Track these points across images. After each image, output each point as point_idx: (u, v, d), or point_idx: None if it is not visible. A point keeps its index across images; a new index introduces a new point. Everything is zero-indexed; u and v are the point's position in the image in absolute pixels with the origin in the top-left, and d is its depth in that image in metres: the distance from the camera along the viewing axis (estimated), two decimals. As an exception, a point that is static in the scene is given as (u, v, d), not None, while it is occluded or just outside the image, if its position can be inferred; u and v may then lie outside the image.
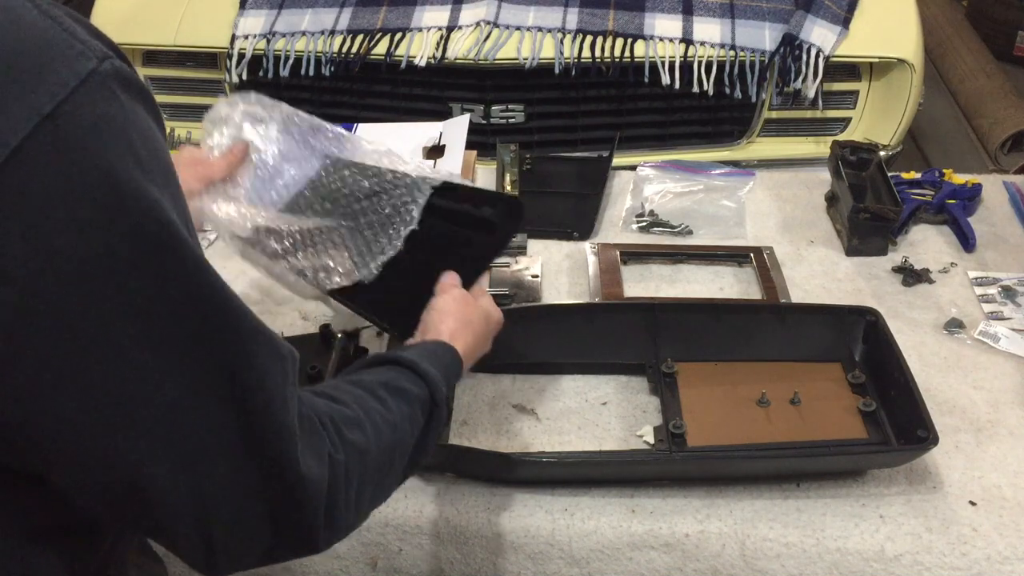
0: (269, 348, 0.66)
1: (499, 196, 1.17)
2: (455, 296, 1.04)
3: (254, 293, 1.54)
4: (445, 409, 0.89)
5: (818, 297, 1.50)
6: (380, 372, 0.87)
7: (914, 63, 2.13)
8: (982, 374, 1.35)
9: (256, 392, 0.64)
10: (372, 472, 0.77)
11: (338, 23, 2.17)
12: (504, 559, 1.16)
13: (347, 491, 0.73)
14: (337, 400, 0.78)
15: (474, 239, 1.17)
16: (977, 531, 1.12)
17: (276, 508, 0.67)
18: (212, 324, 0.62)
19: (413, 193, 1.17)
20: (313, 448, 0.69)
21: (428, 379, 0.87)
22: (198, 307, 0.61)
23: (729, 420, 1.23)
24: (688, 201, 1.75)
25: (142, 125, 0.60)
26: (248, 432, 0.64)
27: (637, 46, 2.09)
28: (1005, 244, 1.63)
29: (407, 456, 0.84)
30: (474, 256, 1.15)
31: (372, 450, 0.77)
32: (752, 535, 1.13)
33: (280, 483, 0.66)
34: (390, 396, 0.83)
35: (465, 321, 1.01)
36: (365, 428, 0.77)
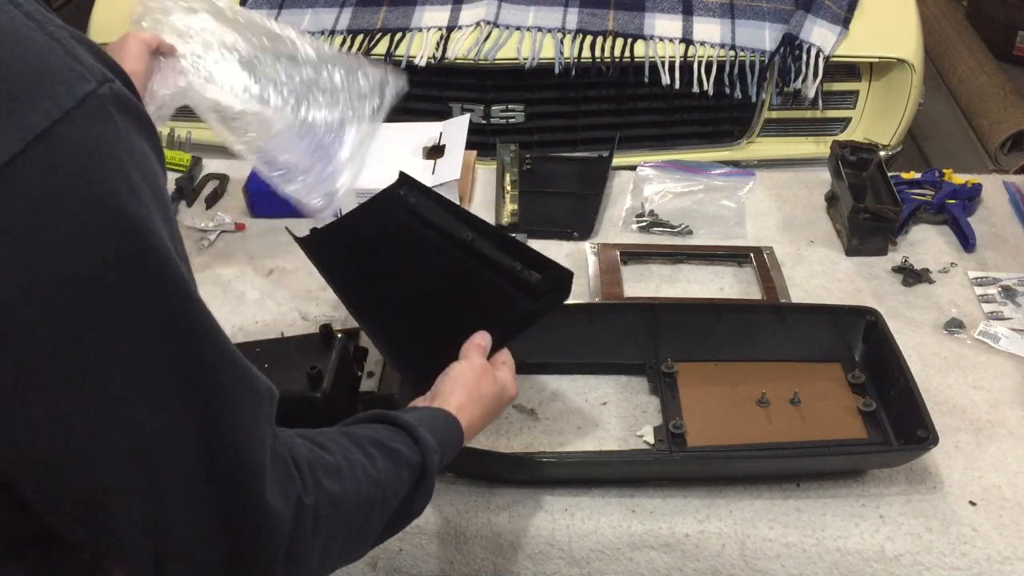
0: (246, 384, 0.65)
1: (550, 263, 1.09)
2: (474, 366, 1.01)
3: (254, 293, 1.54)
4: (434, 477, 0.88)
5: (818, 297, 1.50)
6: (376, 429, 0.87)
7: (914, 63, 2.13)
8: (982, 374, 1.35)
9: (228, 427, 0.64)
10: (344, 523, 0.76)
11: (338, 23, 2.17)
12: (504, 559, 1.16)
13: (314, 537, 0.72)
14: (322, 446, 0.77)
15: (514, 301, 1.10)
16: (977, 531, 1.12)
17: (234, 545, 0.66)
18: (191, 354, 0.61)
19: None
20: (281, 488, 0.68)
21: (423, 445, 0.86)
22: (178, 336, 0.61)
23: (729, 420, 1.23)
24: (688, 201, 1.75)
25: (137, 149, 0.60)
26: (214, 466, 0.63)
27: (637, 46, 2.09)
28: (1005, 244, 1.63)
29: (388, 516, 0.83)
30: (507, 319, 1.09)
31: (347, 501, 0.76)
32: (752, 535, 1.13)
33: (242, 520, 0.66)
34: (379, 453, 0.82)
35: (477, 396, 0.98)
36: (344, 478, 0.76)
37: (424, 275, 1.19)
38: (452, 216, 1.21)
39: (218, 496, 0.64)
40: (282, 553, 0.68)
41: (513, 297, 1.10)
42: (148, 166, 0.61)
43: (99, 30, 2.26)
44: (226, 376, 0.64)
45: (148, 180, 0.60)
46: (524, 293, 1.09)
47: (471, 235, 1.17)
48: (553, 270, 1.09)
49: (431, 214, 1.23)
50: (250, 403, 0.65)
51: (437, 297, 1.17)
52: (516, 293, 1.10)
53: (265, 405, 0.67)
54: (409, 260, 1.22)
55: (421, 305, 1.17)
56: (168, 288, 0.60)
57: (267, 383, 0.68)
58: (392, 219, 1.28)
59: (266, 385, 0.68)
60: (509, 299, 1.10)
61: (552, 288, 1.08)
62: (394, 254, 1.25)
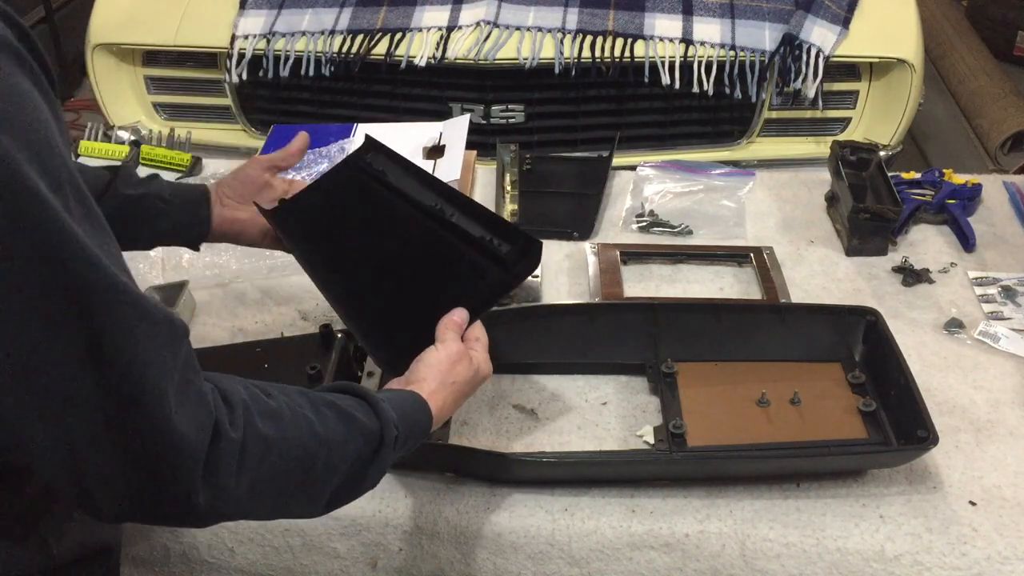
0: (138, 311, 0.67)
1: (519, 233, 1.09)
2: (450, 353, 1.02)
3: (254, 293, 1.54)
4: (392, 452, 0.89)
5: (818, 297, 1.50)
6: (336, 396, 0.89)
7: (914, 63, 2.13)
8: (982, 374, 1.35)
9: (116, 349, 0.66)
10: (277, 468, 0.79)
11: (338, 23, 2.17)
12: (504, 559, 1.16)
13: (240, 471, 0.75)
14: (267, 393, 0.81)
15: (485, 272, 1.09)
16: (977, 531, 1.12)
17: (143, 466, 0.70)
18: (64, 277, 0.63)
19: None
20: (192, 415, 0.71)
21: (382, 417, 0.88)
22: (49, 259, 0.62)
23: (729, 420, 1.23)
24: (688, 201, 1.75)
25: (17, 91, 0.62)
26: (107, 387, 0.66)
27: (637, 46, 2.09)
28: (1005, 244, 1.63)
29: (337, 477, 0.85)
30: (479, 291, 1.09)
31: (283, 445, 0.79)
32: (752, 535, 1.13)
33: (147, 441, 0.69)
34: (332, 415, 0.85)
35: (450, 382, 1.00)
36: (283, 424, 0.79)
37: (393, 246, 1.18)
38: (420, 183, 1.20)
39: (116, 417, 0.67)
40: (198, 478, 0.71)
41: (484, 268, 1.09)
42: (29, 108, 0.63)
43: (99, 30, 2.26)
44: (110, 300, 0.65)
45: (24, 119, 0.62)
46: (495, 264, 1.09)
47: (439, 203, 1.16)
48: (522, 240, 1.08)
49: (399, 181, 1.22)
50: (142, 328, 0.67)
51: (406, 269, 1.16)
52: (487, 264, 1.09)
53: (163, 334, 0.69)
54: (377, 230, 1.21)
55: (390, 278, 1.16)
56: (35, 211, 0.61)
57: (169, 315, 0.71)
58: (359, 186, 1.26)
59: (165, 315, 0.70)
60: (480, 271, 1.09)
61: (522, 259, 1.08)
62: (362, 224, 1.23)
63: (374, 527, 1.17)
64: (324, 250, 1.23)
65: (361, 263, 1.20)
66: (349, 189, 1.26)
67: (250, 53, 2.15)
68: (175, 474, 0.71)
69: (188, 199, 1.21)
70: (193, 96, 2.32)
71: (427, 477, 1.20)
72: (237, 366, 1.30)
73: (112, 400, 0.67)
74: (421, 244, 1.16)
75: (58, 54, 3.84)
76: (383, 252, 1.19)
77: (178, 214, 1.19)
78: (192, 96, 2.32)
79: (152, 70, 2.30)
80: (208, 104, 2.32)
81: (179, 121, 2.33)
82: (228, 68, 2.17)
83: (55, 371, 0.65)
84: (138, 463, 0.70)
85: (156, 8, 2.27)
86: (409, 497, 1.18)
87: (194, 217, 1.21)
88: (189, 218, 1.21)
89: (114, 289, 0.66)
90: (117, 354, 0.66)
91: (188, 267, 1.57)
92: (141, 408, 0.68)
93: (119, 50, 2.27)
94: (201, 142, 2.16)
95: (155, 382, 0.68)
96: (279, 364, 1.30)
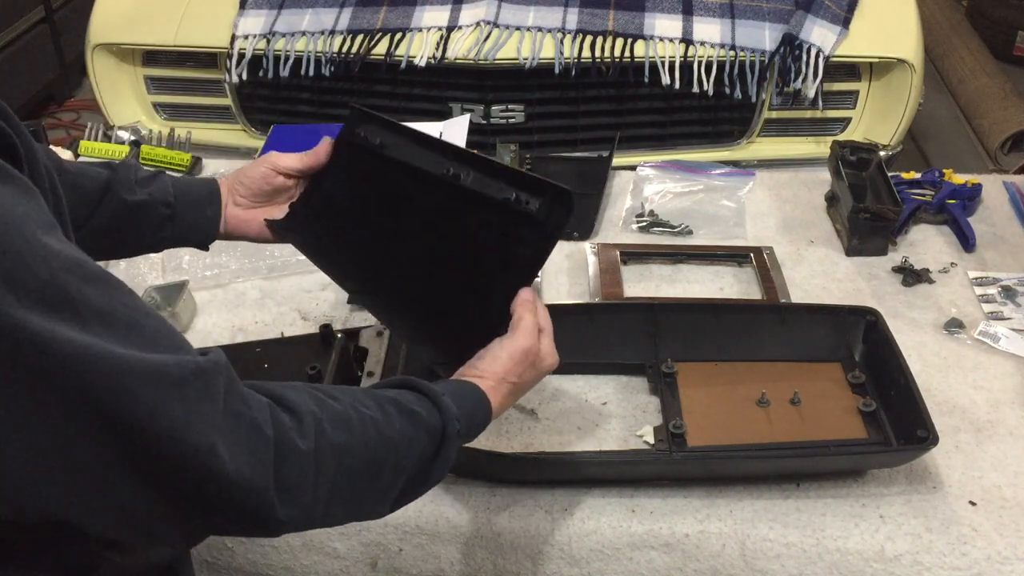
0: (160, 381, 0.65)
1: (544, 183, 0.97)
2: (519, 350, 0.95)
3: (254, 293, 1.54)
4: (456, 444, 0.88)
5: (818, 297, 1.50)
6: (397, 392, 0.87)
7: (914, 63, 2.13)
8: (982, 374, 1.35)
9: (157, 428, 0.64)
10: (351, 473, 0.78)
11: (338, 23, 2.17)
12: (504, 559, 1.16)
13: (317, 480, 0.74)
14: (332, 397, 0.80)
15: (522, 238, 0.99)
16: (977, 531, 1.12)
17: (214, 511, 0.70)
18: (74, 383, 0.61)
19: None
20: (247, 452, 0.70)
21: (444, 411, 0.87)
22: (51, 373, 0.60)
23: (729, 420, 1.23)
24: (688, 201, 1.75)
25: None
26: (157, 464, 0.65)
27: (637, 46, 2.09)
28: (1005, 244, 1.63)
29: (404, 477, 0.84)
30: (522, 258, 0.99)
31: (354, 451, 0.78)
32: (752, 535, 1.13)
33: (211, 495, 0.68)
34: (397, 413, 0.83)
35: (512, 380, 0.96)
36: (352, 429, 0.78)
37: (417, 232, 1.09)
38: (424, 148, 1.10)
39: (173, 486, 0.67)
40: (271, 501, 0.71)
41: (519, 234, 0.99)
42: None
43: (99, 30, 2.26)
44: (133, 388, 0.63)
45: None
46: (529, 227, 0.99)
47: (450, 167, 1.06)
48: (550, 191, 0.98)
49: (401, 153, 1.12)
50: (171, 396, 0.65)
51: (438, 256, 1.07)
52: (521, 229, 0.99)
53: (195, 389, 0.67)
54: (395, 217, 1.12)
55: (425, 270, 1.07)
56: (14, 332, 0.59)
57: (196, 364, 0.68)
58: (362, 170, 1.16)
59: (192, 368, 0.67)
60: (516, 238, 1.00)
61: (554, 211, 0.98)
62: (377, 213, 1.14)
63: (374, 527, 1.17)
64: (346, 257, 1.16)
65: (387, 259, 1.11)
66: (352, 177, 1.16)
67: (250, 53, 2.15)
68: (245, 509, 0.71)
69: (195, 200, 1.13)
70: (193, 96, 2.32)
71: (427, 477, 1.20)
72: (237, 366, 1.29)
73: (165, 472, 0.66)
74: (445, 224, 1.07)
75: (58, 54, 3.85)
76: (408, 241, 1.10)
77: (183, 220, 1.12)
78: (192, 96, 2.32)
79: (152, 70, 2.30)
80: (208, 104, 2.32)
81: (179, 121, 2.33)
82: (228, 68, 2.17)
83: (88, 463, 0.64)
84: (207, 512, 0.70)
85: (156, 8, 2.27)
86: (409, 497, 1.18)
87: (201, 221, 1.14)
88: (195, 223, 1.14)
89: (132, 375, 0.63)
90: (158, 432, 0.65)
91: (188, 267, 1.57)
92: (195, 471, 0.67)
93: (119, 50, 2.27)
94: (201, 142, 2.15)
95: (201, 441, 0.66)
96: (279, 364, 1.30)
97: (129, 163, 1.12)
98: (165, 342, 0.67)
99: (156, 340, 0.67)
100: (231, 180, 1.17)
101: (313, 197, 1.18)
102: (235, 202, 1.16)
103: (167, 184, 1.12)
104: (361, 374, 1.28)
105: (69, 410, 0.62)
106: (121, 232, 1.08)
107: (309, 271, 1.57)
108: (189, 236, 1.15)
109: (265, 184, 1.16)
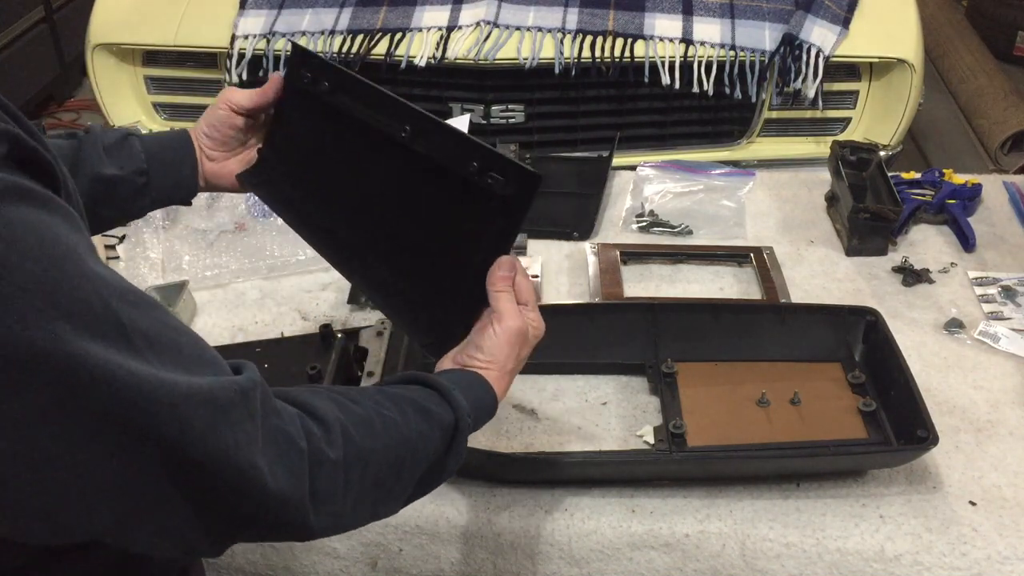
0: (208, 408, 0.65)
1: (507, 162, 0.93)
2: (511, 336, 0.94)
3: (254, 293, 1.54)
4: (467, 437, 0.89)
5: (818, 297, 1.50)
6: (410, 389, 0.88)
7: (914, 63, 2.13)
8: (982, 374, 1.35)
9: (206, 454, 0.65)
10: (374, 476, 0.79)
11: (338, 23, 2.17)
12: (504, 559, 1.16)
13: (347, 488, 0.75)
14: (354, 400, 0.81)
15: (489, 216, 0.95)
16: (977, 531, 1.12)
17: (257, 523, 0.71)
18: (132, 411, 0.61)
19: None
20: (285, 466, 0.71)
21: (455, 406, 0.87)
22: (108, 410, 0.60)
23: (729, 420, 1.23)
24: (688, 201, 1.75)
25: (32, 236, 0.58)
26: (204, 486, 0.66)
27: (637, 46, 2.09)
28: (1005, 244, 1.63)
29: (419, 474, 0.85)
30: (490, 236, 0.96)
31: (378, 455, 0.79)
32: (752, 535, 1.13)
33: (255, 509, 0.69)
34: (413, 411, 0.84)
35: (511, 368, 0.96)
36: (376, 433, 0.79)
37: (376, 193, 1.04)
38: (375, 103, 1.02)
39: (220, 504, 0.68)
40: (307, 511, 0.72)
41: (485, 209, 0.95)
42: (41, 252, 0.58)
43: (99, 30, 2.26)
44: (186, 416, 0.64)
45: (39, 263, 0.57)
46: (494, 202, 0.94)
47: (407, 130, 0.99)
48: (512, 169, 0.94)
49: (350, 103, 1.05)
50: (218, 421, 0.66)
51: (401, 221, 1.02)
52: (485, 204, 0.95)
53: (237, 410, 0.67)
54: (353, 175, 1.07)
55: (389, 235, 1.03)
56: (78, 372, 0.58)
57: (234, 384, 0.68)
58: (315, 120, 1.10)
59: (234, 389, 0.68)
60: (482, 212, 0.95)
61: (519, 192, 0.94)
62: (334, 169, 1.09)
63: (374, 527, 1.17)
64: (310, 213, 1.10)
65: (350, 223, 1.06)
66: (307, 127, 1.10)
67: (250, 53, 2.15)
68: (282, 520, 0.72)
69: (168, 162, 1.09)
70: (193, 96, 2.32)
71: (427, 477, 1.20)
72: (237, 366, 1.30)
73: (209, 491, 0.67)
74: (404, 187, 1.02)
75: (58, 54, 3.85)
76: (368, 205, 1.05)
77: (160, 185, 1.08)
78: (192, 96, 2.32)
79: (152, 70, 2.30)
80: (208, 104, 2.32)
81: (179, 121, 2.33)
82: (228, 68, 2.17)
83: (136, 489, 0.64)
84: (244, 525, 0.71)
85: (156, 8, 2.27)
86: (409, 497, 1.18)
87: (179, 181, 1.10)
88: (173, 185, 1.10)
89: (185, 403, 0.63)
90: (207, 455, 0.65)
91: (188, 268, 1.57)
92: (238, 488, 0.68)
93: (119, 50, 2.27)
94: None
95: (244, 460, 0.67)
96: (279, 364, 1.30)
97: (94, 131, 1.08)
98: (204, 361, 0.68)
99: (196, 360, 0.67)
100: (198, 132, 1.13)
101: (276, 140, 1.13)
102: (208, 156, 1.13)
103: (138, 150, 1.07)
104: (361, 374, 1.28)
105: (122, 437, 0.62)
106: (95, 206, 1.03)
107: (309, 271, 1.57)
108: (168, 199, 1.12)
109: (228, 128, 1.12)
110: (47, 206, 0.60)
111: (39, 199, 0.60)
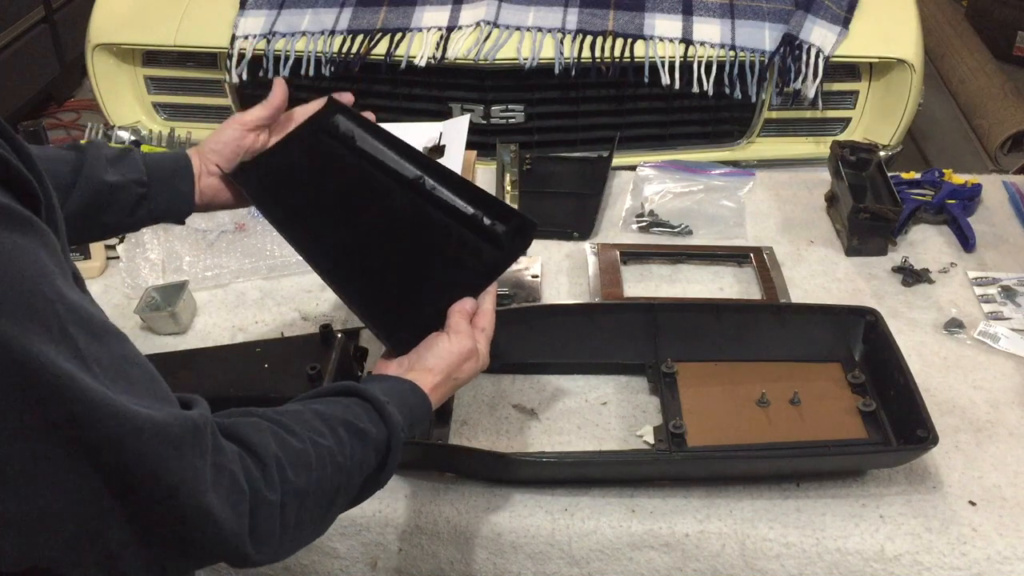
0: (159, 437, 0.66)
1: (510, 211, 1.08)
2: (461, 349, 1.01)
3: (254, 293, 1.54)
4: (399, 454, 0.91)
5: (818, 297, 1.50)
6: (345, 405, 0.89)
7: (914, 63, 2.13)
8: (982, 374, 1.35)
9: (155, 482, 0.66)
10: (310, 512, 0.81)
11: (338, 23, 2.17)
12: (504, 559, 1.16)
13: (283, 526, 0.78)
14: (290, 432, 0.82)
15: (480, 251, 1.08)
16: (977, 531, 1.12)
17: (196, 552, 0.73)
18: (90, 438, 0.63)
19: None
20: (230, 502, 0.72)
21: (390, 423, 0.90)
22: (66, 425, 0.61)
23: (729, 420, 1.23)
24: (688, 201, 1.75)
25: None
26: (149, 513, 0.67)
27: (637, 46, 2.09)
28: (1005, 244, 1.63)
29: (353, 494, 0.88)
30: (475, 269, 1.07)
31: (313, 490, 0.81)
32: (752, 535, 1.13)
33: (199, 539, 0.71)
34: (348, 436, 0.86)
35: (453, 378, 1.01)
36: (311, 467, 0.81)
37: (377, 219, 1.14)
38: (396, 152, 1.15)
39: (164, 532, 0.69)
40: (247, 546, 0.74)
41: (478, 247, 1.07)
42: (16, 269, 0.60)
43: (99, 30, 2.26)
44: (133, 441, 0.65)
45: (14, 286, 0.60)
46: (490, 244, 1.07)
47: (420, 174, 1.12)
48: (515, 219, 1.08)
49: (371, 148, 1.17)
50: (168, 454, 0.67)
51: (396, 245, 1.12)
52: (481, 243, 1.07)
53: (187, 445, 0.69)
54: (356, 201, 1.16)
55: (379, 254, 1.12)
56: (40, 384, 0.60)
57: (186, 419, 0.69)
58: (326, 151, 1.19)
59: (184, 424, 0.69)
60: (473, 249, 1.08)
61: (516, 237, 1.07)
62: (335, 193, 1.17)
63: (374, 527, 1.17)
64: (298, 219, 1.17)
65: (339, 235, 1.14)
66: (314, 153, 1.19)
67: (250, 53, 2.15)
68: (223, 555, 0.74)
69: (167, 176, 1.12)
70: (193, 96, 2.32)
71: (427, 477, 1.20)
72: (237, 366, 1.30)
73: (156, 522, 0.68)
74: (405, 218, 1.12)
75: (58, 54, 3.85)
76: (365, 225, 1.14)
77: (158, 197, 1.11)
78: (192, 96, 2.32)
79: (152, 70, 2.30)
80: (208, 104, 2.32)
81: (179, 121, 2.33)
82: (228, 68, 2.17)
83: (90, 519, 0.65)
84: (187, 556, 0.72)
85: (156, 8, 2.27)
86: (409, 497, 1.18)
87: (175, 196, 1.13)
88: (170, 199, 1.12)
89: (138, 432, 0.65)
90: (157, 487, 0.66)
91: (188, 268, 1.57)
92: (184, 522, 0.69)
93: (119, 50, 2.27)
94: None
95: (192, 495, 0.68)
96: (279, 364, 1.30)
97: (97, 143, 1.11)
98: (157, 395, 0.69)
99: (147, 392, 0.68)
100: (203, 149, 1.16)
101: (267, 159, 1.19)
102: (209, 171, 1.15)
103: (138, 162, 1.11)
104: (361, 374, 1.28)
105: (73, 461, 0.62)
106: (97, 214, 1.07)
107: (309, 271, 1.57)
108: (165, 212, 1.14)
109: (237, 147, 1.16)
110: (22, 228, 0.62)
111: (16, 220, 0.62)
